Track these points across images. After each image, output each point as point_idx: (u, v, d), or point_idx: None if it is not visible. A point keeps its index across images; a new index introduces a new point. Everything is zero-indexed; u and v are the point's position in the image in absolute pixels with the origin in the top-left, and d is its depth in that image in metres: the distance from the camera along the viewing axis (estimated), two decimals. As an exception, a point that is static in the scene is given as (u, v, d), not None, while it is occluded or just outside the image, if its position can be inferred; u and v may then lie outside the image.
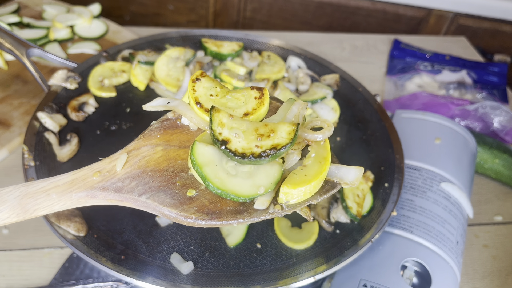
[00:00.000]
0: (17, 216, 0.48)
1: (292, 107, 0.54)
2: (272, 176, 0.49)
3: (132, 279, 0.58)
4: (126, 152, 0.53)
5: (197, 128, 0.55)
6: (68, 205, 0.50)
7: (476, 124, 1.05)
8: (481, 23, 1.74)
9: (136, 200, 0.50)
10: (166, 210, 0.49)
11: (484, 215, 0.90)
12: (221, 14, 1.99)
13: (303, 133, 0.51)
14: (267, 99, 0.55)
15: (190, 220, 0.48)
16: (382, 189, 0.76)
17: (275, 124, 0.51)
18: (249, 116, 0.53)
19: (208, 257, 0.65)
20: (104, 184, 0.51)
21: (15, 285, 0.68)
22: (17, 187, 0.50)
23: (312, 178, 0.48)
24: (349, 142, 0.88)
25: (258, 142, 0.49)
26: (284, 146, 0.48)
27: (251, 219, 0.48)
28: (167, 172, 0.52)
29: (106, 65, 0.95)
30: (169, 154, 0.53)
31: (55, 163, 0.74)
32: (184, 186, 0.51)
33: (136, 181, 0.51)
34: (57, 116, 0.81)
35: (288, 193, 0.47)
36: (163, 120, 0.56)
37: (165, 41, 1.06)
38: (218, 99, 0.55)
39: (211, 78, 0.57)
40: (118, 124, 0.85)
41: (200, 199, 0.49)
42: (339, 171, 0.51)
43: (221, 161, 0.49)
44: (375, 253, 0.69)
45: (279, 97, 0.94)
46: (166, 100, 0.55)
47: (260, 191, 0.48)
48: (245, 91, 0.56)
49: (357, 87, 0.99)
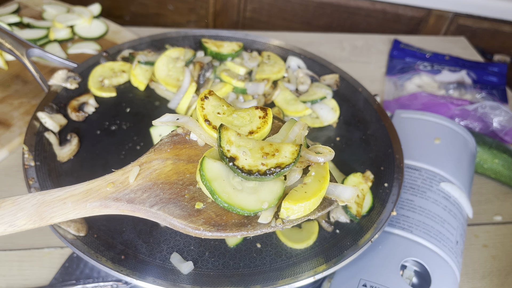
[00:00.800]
0: (33, 223, 0.51)
1: (293, 127, 0.59)
2: (275, 192, 0.53)
3: (132, 279, 0.58)
4: (139, 165, 0.57)
5: (204, 143, 0.59)
6: (83, 213, 0.53)
7: (475, 124, 1.05)
8: (480, 23, 1.75)
9: (147, 211, 0.53)
10: (175, 221, 0.52)
11: (484, 215, 0.90)
12: (221, 14, 1.99)
13: (307, 154, 0.56)
14: (270, 118, 0.59)
15: (198, 231, 0.52)
16: (381, 189, 0.76)
17: (279, 144, 0.55)
18: (254, 134, 0.57)
19: (208, 257, 0.65)
20: (118, 195, 0.54)
21: (15, 285, 0.68)
22: (34, 195, 0.52)
23: (312, 195, 0.52)
24: (349, 142, 0.88)
25: (263, 160, 0.52)
26: (288, 165, 0.52)
27: (254, 231, 0.52)
28: (176, 185, 0.55)
29: (106, 65, 0.95)
30: (178, 167, 0.57)
31: (55, 163, 0.75)
32: (192, 199, 0.54)
33: (148, 193, 0.54)
34: (57, 116, 0.81)
35: (289, 208, 0.51)
36: (173, 135, 0.60)
37: (165, 41, 1.06)
38: (225, 117, 0.59)
39: (218, 96, 0.61)
40: (118, 124, 0.85)
41: (207, 212, 0.53)
42: (336, 189, 0.56)
43: (228, 176, 0.53)
44: (375, 253, 0.69)
45: (279, 97, 0.95)
46: (175, 116, 0.59)
47: (264, 206, 0.51)
48: (250, 111, 0.60)
49: (357, 87, 0.99)
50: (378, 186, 0.77)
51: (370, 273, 0.66)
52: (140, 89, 0.93)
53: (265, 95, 0.95)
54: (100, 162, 0.77)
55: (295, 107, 0.92)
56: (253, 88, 0.94)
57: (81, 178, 0.73)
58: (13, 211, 0.50)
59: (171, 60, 0.94)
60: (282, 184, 0.53)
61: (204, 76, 0.93)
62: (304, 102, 0.93)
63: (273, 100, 0.94)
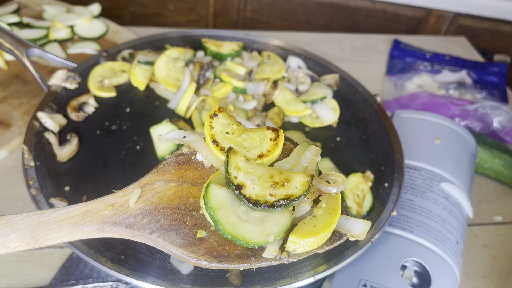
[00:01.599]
0: (27, 245, 0.48)
1: (306, 152, 0.55)
2: (283, 224, 0.50)
3: (132, 279, 0.58)
4: (140, 186, 0.53)
5: (210, 165, 0.55)
6: (79, 236, 0.50)
7: (476, 124, 1.05)
8: (481, 23, 1.74)
9: (147, 238, 0.51)
10: (175, 250, 0.50)
11: (484, 215, 0.90)
12: (221, 14, 1.99)
13: (318, 184, 0.52)
14: (281, 141, 0.56)
15: (198, 261, 0.49)
16: (382, 189, 0.76)
17: (290, 173, 0.52)
18: (263, 158, 0.54)
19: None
20: (116, 219, 0.51)
21: (15, 285, 0.68)
22: (29, 216, 0.49)
23: (321, 229, 0.49)
24: (349, 142, 0.88)
25: (272, 191, 0.49)
26: (298, 198, 0.49)
27: (258, 264, 0.49)
28: (179, 210, 0.52)
29: (106, 65, 0.95)
30: (182, 191, 0.54)
31: (55, 163, 0.74)
32: (194, 226, 0.51)
33: (148, 218, 0.51)
34: (57, 116, 0.81)
35: (297, 242, 0.48)
36: (178, 154, 0.57)
37: (165, 41, 1.06)
38: (234, 138, 0.55)
39: (228, 113, 0.57)
40: (118, 124, 0.85)
41: (209, 241, 0.50)
42: (347, 223, 0.52)
43: (233, 205, 0.50)
44: (375, 253, 0.69)
45: (279, 97, 0.94)
46: (182, 134, 0.55)
47: (270, 239, 0.49)
48: (260, 131, 0.56)
49: (357, 87, 0.99)
50: (378, 186, 0.77)
51: (370, 273, 0.66)
52: (140, 89, 0.93)
53: (265, 95, 0.95)
54: (100, 162, 0.77)
55: (295, 107, 0.92)
56: (253, 88, 0.94)
57: (80, 178, 0.73)
58: (6, 232, 0.48)
59: (171, 60, 0.94)
60: (290, 216, 0.50)
61: (204, 76, 0.93)
62: (304, 102, 0.93)
63: (273, 100, 0.94)
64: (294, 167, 0.54)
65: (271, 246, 0.49)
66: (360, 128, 0.92)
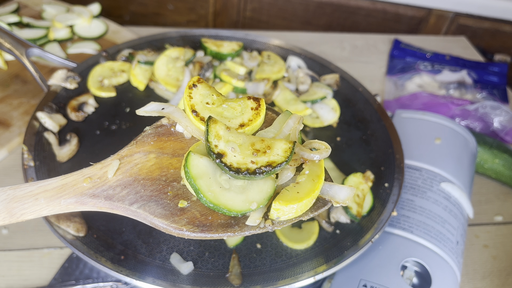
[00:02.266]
0: (2, 220, 0.47)
1: (288, 120, 0.54)
2: (265, 191, 0.49)
3: (132, 279, 0.58)
4: (118, 158, 0.52)
5: (191, 136, 0.54)
6: (57, 210, 0.49)
7: (476, 124, 1.05)
8: (481, 23, 1.74)
9: (126, 209, 0.50)
10: (156, 220, 0.49)
11: (484, 215, 0.90)
12: (221, 14, 1.99)
13: (301, 151, 0.51)
14: (263, 110, 0.55)
15: (180, 231, 0.48)
16: (382, 189, 0.76)
17: (271, 140, 0.51)
18: (245, 127, 0.53)
19: (208, 257, 0.65)
20: (95, 191, 0.50)
21: (15, 285, 0.68)
22: (4, 190, 0.48)
23: (305, 196, 0.48)
24: (349, 142, 0.88)
25: (253, 158, 0.49)
26: (280, 164, 0.48)
27: (241, 233, 0.48)
28: (159, 181, 0.51)
29: (106, 65, 0.95)
30: (162, 162, 0.52)
31: (54, 163, 0.74)
32: (175, 197, 0.50)
33: (128, 190, 0.50)
34: (56, 116, 0.81)
35: (280, 209, 0.47)
36: (157, 126, 0.55)
37: (165, 41, 1.06)
38: (214, 108, 0.54)
39: (207, 84, 0.56)
40: (117, 124, 0.84)
41: (191, 211, 0.49)
42: (331, 189, 0.52)
43: (215, 173, 0.49)
44: (375, 253, 0.69)
45: (279, 97, 0.94)
46: (160, 105, 0.54)
47: (252, 206, 0.48)
48: (241, 101, 0.55)
49: (357, 87, 0.99)
50: (379, 186, 0.77)
51: (370, 273, 0.66)
52: (139, 89, 0.93)
53: (265, 95, 0.95)
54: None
55: (295, 107, 0.92)
56: (253, 88, 0.94)
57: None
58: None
59: (170, 60, 0.94)
60: (273, 183, 0.50)
61: (204, 76, 0.93)
62: (304, 102, 0.93)
63: (273, 100, 0.94)
64: (276, 136, 0.53)
65: (254, 213, 0.48)
66: (360, 128, 0.92)
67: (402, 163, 0.79)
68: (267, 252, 0.66)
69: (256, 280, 0.62)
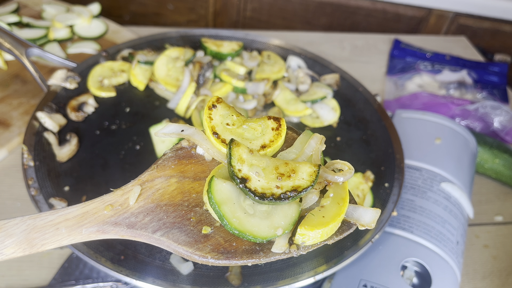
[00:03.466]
0: (23, 251, 0.46)
1: (310, 141, 0.53)
2: (290, 216, 0.48)
3: (131, 279, 0.58)
4: (140, 184, 0.51)
5: (212, 158, 0.53)
6: (78, 239, 0.48)
7: (476, 124, 1.05)
8: (481, 23, 1.74)
9: (150, 237, 0.49)
10: (180, 248, 0.48)
11: (485, 215, 0.90)
12: (221, 14, 1.99)
13: (324, 174, 0.50)
14: (284, 130, 0.54)
15: (205, 259, 0.47)
16: (382, 189, 0.76)
17: (296, 163, 0.50)
18: (266, 149, 0.52)
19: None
20: (117, 219, 0.49)
21: (15, 285, 0.68)
22: (24, 220, 0.47)
23: (330, 220, 0.47)
24: (349, 142, 0.88)
25: (278, 183, 0.48)
26: (305, 189, 0.47)
27: (266, 259, 0.47)
28: (181, 207, 0.50)
29: (106, 65, 0.95)
30: (183, 186, 0.51)
31: (54, 163, 0.74)
32: (199, 223, 0.49)
33: (150, 217, 0.49)
34: (56, 116, 0.81)
35: (306, 234, 0.47)
36: (177, 149, 0.54)
37: (164, 41, 1.06)
38: (235, 129, 0.53)
39: (227, 104, 0.55)
40: (117, 124, 0.84)
41: (215, 237, 0.48)
42: (355, 211, 0.50)
43: (239, 199, 0.48)
44: (375, 253, 0.69)
45: (279, 97, 0.94)
46: (180, 127, 0.52)
47: (278, 232, 0.47)
48: (262, 121, 0.54)
49: (357, 87, 0.99)
50: (379, 186, 0.77)
51: (370, 273, 0.66)
52: (139, 89, 0.93)
53: (265, 95, 0.95)
54: (99, 162, 0.76)
55: (295, 107, 0.92)
56: (253, 88, 0.94)
57: (80, 178, 0.73)
58: (1, 239, 0.45)
59: (170, 60, 0.94)
60: (298, 207, 0.48)
61: (203, 75, 0.93)
62: (304, 102, 0.93)
63: (273, 100, 0.94)
64: (298, 157, 0.52)
65: (280, 239, 0.47)
66: (360, 128, 0.92)
67: (402, 163, 0.79)
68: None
69: (256, 280, 0.62)
